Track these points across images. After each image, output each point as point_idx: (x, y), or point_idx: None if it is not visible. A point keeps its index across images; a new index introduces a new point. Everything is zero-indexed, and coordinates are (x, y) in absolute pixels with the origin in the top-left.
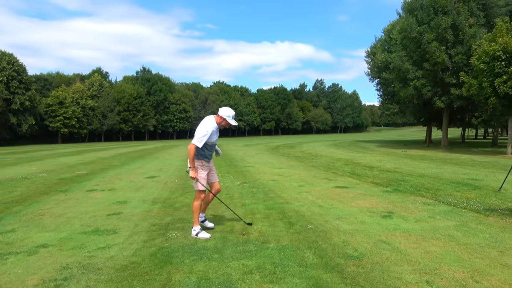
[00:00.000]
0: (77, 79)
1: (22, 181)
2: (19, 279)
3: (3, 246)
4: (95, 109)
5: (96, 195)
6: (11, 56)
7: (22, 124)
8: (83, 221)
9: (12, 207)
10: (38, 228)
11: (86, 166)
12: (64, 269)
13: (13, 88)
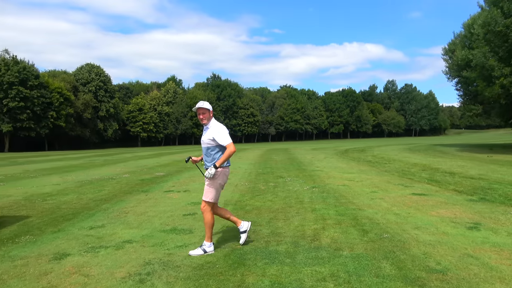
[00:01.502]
0: (154, 87)
1: (108, 181)
2: (109, 271)
3: (95, 240)
4: (170, 114)
5: (173, 195)
6: (98, 68)
7: (108, 129)
8: (162, 220)
9: (102, 205)
10: (123, 225)
11: (163, 168)
12: (147, 264)
13: (100, 97)
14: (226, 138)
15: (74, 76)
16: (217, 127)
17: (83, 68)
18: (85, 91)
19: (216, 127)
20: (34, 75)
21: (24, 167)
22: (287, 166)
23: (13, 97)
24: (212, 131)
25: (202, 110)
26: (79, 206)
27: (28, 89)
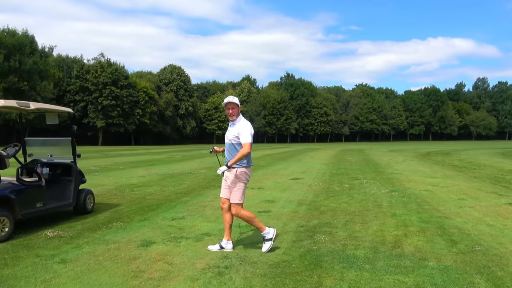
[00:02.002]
0: (229, 86)
1: (188, 176)
2: (190, 261)
3: (177, 230)
4: (244, 113)
5: (247, 192)
6: (179, 68)
7: (186, 126)
8: None
9: (182, 198)
10: (202, 218)
11: None
12: (224, 258)
13: (180, 96)
14: (246, 136)
15: (158, 76)
16: (244, 123)
17: (166, 69)
18: (167, 90)
19: (243, 124)
20: (124, 76)
21: (114, 160)
22: (362, 167)
23: (106, 96)
24: (239, 127)
25: (232, 105)
26: (162, 197)
27: (119, 88)
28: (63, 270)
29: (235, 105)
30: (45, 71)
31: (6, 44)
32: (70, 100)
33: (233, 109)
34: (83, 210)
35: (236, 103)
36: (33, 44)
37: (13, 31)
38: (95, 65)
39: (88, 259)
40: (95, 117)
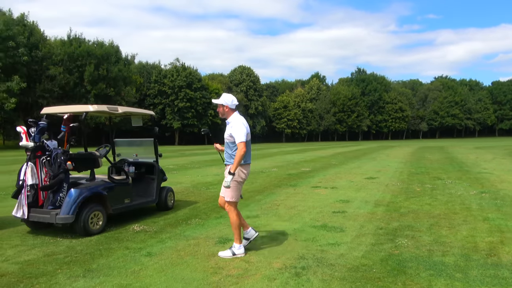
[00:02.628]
0: (298, 85)
1: (259, 174)
2: (267, 260)
3: None
4: (313, 111)
5: (320, 191)
6: (249, 69)
7: (256, 125)
8: (311, 215)
9: (255, 196)
10: (276, 217)
11: (308, 163)
12: (301, 258)
13: (250, 96)
14: (239, 136)
15: (229, 77)
16: (236, 122)
17: (236, 70)
18: (237, 91)
19: (234, 123)
20: (197, 78)
21: (190, 159)
22: (445, 166)
23: (181, 98)
24: (231, 126)
25: (218, 106)
26: None
27: (192, 91)
28: (149, 262)
29: (220, 105)
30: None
31: (96, 54)
32: (150, 103)
33: (218, 109)
34: (164, 206)
35: (220, 103)
36: (118, 53)
37: (101, 42)
38: (171, 70)
39: (171, 254)
40: (172, 119)
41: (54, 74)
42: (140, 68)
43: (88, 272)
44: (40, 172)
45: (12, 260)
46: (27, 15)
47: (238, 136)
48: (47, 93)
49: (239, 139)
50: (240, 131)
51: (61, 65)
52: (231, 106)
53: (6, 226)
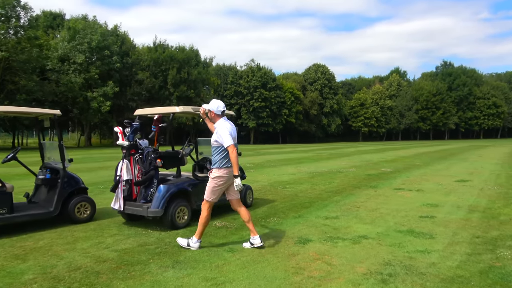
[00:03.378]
0: (376, 81)
1: (336, 174)
2: (349, 264)
3: (331, 230)
4: (393, 108)
5: (404, 194)
6: (324, 67)
7: (331, 124)
8: (396, 219)
9: (333, 197)
10: (356, 219)
11: (389, 164)
12: (387, 264)
13: (325, 94)
14: (226, 139)
15: (303, 76)
16: (220, 127)
17: (311, 69)
18: (312, 89)
19: (219, 127)
20: (272, 78)
21: (265, 157)
22: None
23: (256, 98)
24: (216, 132)
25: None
26: (313, 195)
27: (267, 90)
28: (231, 258)
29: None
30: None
31: (178, 59)
32: (227, 104)
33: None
34: (243, 204)
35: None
36: (197, 57)
37: (183, 47)
38: (247, 71)
39: (252, 251)
40: (247, 118)
41: (142, 78)
42: (217, 70)
43: (176, 263)
44: (133, 168)
45: (111, 248)
46: (119, 26)
47: (225, 141)
48: (136, 96)
49: (227, 143)
50: (225, 135)
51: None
52: (217, 111)
53: (105, 216)
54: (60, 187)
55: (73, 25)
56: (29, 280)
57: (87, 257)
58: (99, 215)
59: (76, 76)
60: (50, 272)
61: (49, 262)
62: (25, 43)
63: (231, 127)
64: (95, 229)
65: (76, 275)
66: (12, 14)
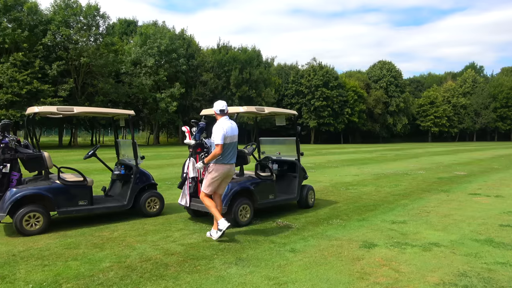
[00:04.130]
0: (448, 78)
1: (403, 176)
2: (419, 273)
3: (399, 235)
4: (467, 107)
5: (481, 200)
6: (389, 64)
7: (397, 123)
8: (472, 227)
9: (400, 200)
10: (426, 225)
11: (462, 167)
12: (462, 275)
13: (390, 92)
14: (216, 138)
15: (367, 74)
16: (216, 125)
17: (375, 66)
18: (377, 87)
19: (215, 126)
20: (334, 77)
21: (327, 158)
22: None
23: (318, 97)
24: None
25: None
26: (378, 198)
27: (329, 89)
28: (294, 258)
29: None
30: (268, 79)
31: (240, 60)
32: (287, 103)
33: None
34: (305, 204)
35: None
36: (259, 57)
37: (245, 48)
38: (308, 70)
39: (314, 252)
40: (308, 118)
41: (206, 79)
42: (278, 70)
43: (239, 260)
44: None
45: (178, 242)
46: (186, 29)
47: (215, 139)
48: (200, 97)
49: (216, 141)
50: (217, 134)
51: (211, 71)
52: (217, 111)
53: (173, 211)
54: (133, 183)
55: (145, 31)
56: (106, 268)
57: (156, 249)
58: (167, 210)
59: (147, 79)
60: (124, 262)
61: (123, 252)
62: (103, 49)
63: (229, 126)
64: (164, 223)
65: (147, 265)
66: (93, 23)
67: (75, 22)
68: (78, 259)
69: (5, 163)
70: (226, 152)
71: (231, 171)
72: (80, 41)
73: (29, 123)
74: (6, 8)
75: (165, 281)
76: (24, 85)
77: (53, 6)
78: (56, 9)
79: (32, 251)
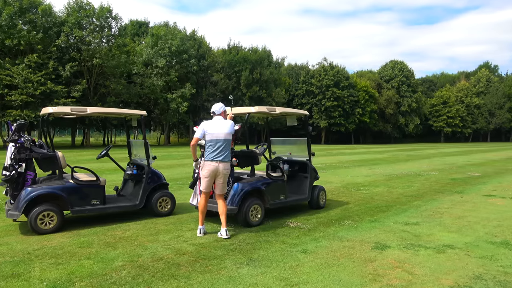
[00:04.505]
0: (461, 77)
1: (416, 177)
2: (433, 275)
3: (412, 237)
4: (480, 107)
5: (496, 201)
6: (401, 63)
7: (409, 124)
8: (487, 229)
9: (413, 201)
10: (440, 227)
11: (476, 167)
12: (477, 278)
13: (402, 92)
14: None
15: (379, 74)
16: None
17: (387, 66)
18: (388, 87)
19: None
20: (345, 77)
21: (338, 158)
22: None
23: (328, 97)
24: None
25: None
26: (390, 199)
27: (340, 89)
28: (305, 259)
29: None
30: (278, 80)
31: (250, 60)
32: (298, 103)
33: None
34: (316, 205)
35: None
36: (269, 57)
37: (256, 48)
38: (319, 70)
39: (326, 253)
40: (318, 118)
41: (217, 80)
42: (289, 70)
43: (250, 261)
44: None
45: (190, 242)
46: (196, 30)
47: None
48: (211, 97)
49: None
50: (198, 129)
51: (222, 71)
52: (212, 112)
53: (184, 211)
54: (145, 183)
55: (156, 32)
56: (118, 267)
57: (168, 249)
58: (178, 210)
59: (158, 79)
60: (137, 261)
61: (135, 251)
62: (115, 50)
63: (212, 124)
64: (175, 223)
65: (159, 265)
66: (105, 25)
67: (88, 23)
68: (91, 258)
69: (21, 162)
70: (210, 149)
71: (219, 169)
72: (92, 42)
73: (44, 123)
74: (21, 11)
75: (176, 281)
76: (38, 86)
77: (66, 8)
78: (69, 11)
79: (46, 249)
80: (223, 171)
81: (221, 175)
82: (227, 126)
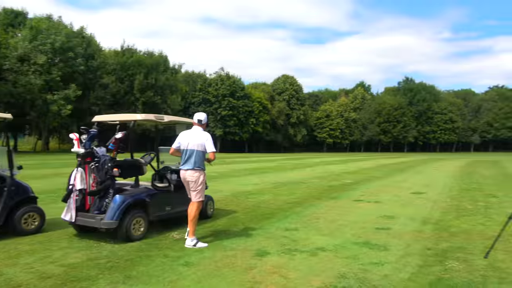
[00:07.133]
0: (342, 94)
1: (299, 185)
2: (305, 278)
3: (290, 242)
4: (356, 120)
5: (363, 205)
6: (292, 78)
7: (297, 134)
8: (353, 231)
9: (295, 208)
10: (315, 231)
11: (350, 175)
12: (341, 277)
13: (292, 105)
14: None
15: (272, 86)
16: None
17: (279, 79)
18: (280, 99)
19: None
20: (240, 87)
21: (231, 167)
22: (500, 183)
23: (224, 106)
24: None
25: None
26: (275, 206)
27: (235, 99)
28: (187, 272)
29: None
30: (174, 86)
31: (146, 64)
32: (194, 111)
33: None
34: (204, 215)
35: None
36: (166, 63)
37: (151, 52)
38: (216, 79)
39: (209, 264)
40: (214, 126)
41: (107, 82)
42: (186, 77)
43: (127, 279)
44: (88, 177)
45: (58, 263)
46: (85, 27)
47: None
48: (100, 101)
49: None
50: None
51: (113, 74)
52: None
53: (56, 227)
54: (6, 197)
55: (36, 24)
56: None
57: (29, 273)
58: (49, 226)
59: (36, 78)
60: None
61: None
62: None
63: (187, 134)
64: (43, 242)
65: None
66: None
67: None
68: None
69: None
70: (182, 157)
71: (186, 176)
72: None
73: None
74: None
75: None
76: None
77: None
78: None
79: None
80: (190, 179)
81: (189, 183)
82: (198, 137)
